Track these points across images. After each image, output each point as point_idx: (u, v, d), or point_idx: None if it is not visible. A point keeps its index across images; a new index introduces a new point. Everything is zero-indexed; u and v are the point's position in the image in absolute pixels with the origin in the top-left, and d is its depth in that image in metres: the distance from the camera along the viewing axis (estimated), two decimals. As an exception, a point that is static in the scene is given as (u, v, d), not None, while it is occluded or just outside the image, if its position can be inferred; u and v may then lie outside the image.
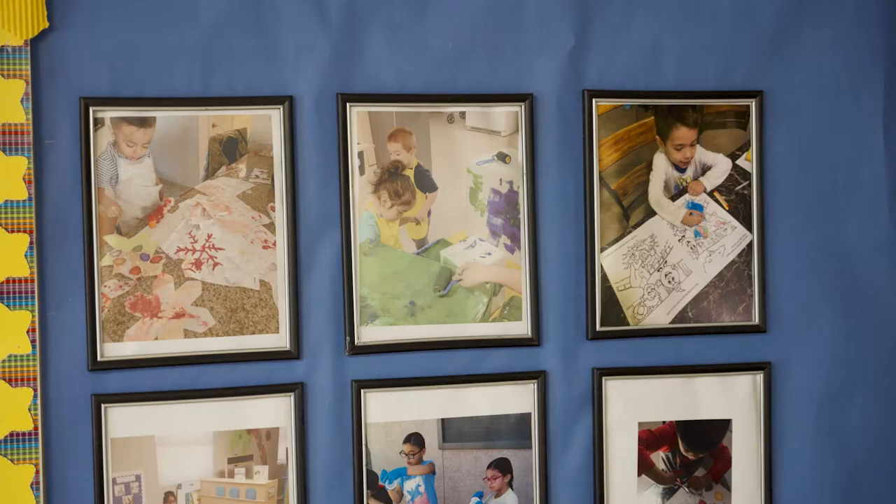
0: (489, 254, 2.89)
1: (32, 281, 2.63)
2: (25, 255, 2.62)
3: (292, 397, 2.78)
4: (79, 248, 2.68)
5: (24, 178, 2.62)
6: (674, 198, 2.98)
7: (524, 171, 2.89)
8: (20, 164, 2.61)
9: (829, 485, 3.07)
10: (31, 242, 2.63)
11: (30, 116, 2.62)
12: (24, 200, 2.62)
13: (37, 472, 2.64)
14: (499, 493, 2.91)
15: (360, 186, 2.82)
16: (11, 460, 2.62)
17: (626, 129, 2.94)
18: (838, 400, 3.07)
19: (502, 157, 2.89)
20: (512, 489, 2.91)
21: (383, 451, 2.85)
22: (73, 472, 2.69)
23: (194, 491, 2.76)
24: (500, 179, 2.89)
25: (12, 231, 2.61)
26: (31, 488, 2.63)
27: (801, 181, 3.03)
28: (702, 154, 2.98)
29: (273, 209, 2.78)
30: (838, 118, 3.05)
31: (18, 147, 2.62)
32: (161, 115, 2.72)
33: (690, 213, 2.98)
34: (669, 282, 2.97)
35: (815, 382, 3.05)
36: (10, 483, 2.62)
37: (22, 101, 2.61)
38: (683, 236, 2.98)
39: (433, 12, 2.85)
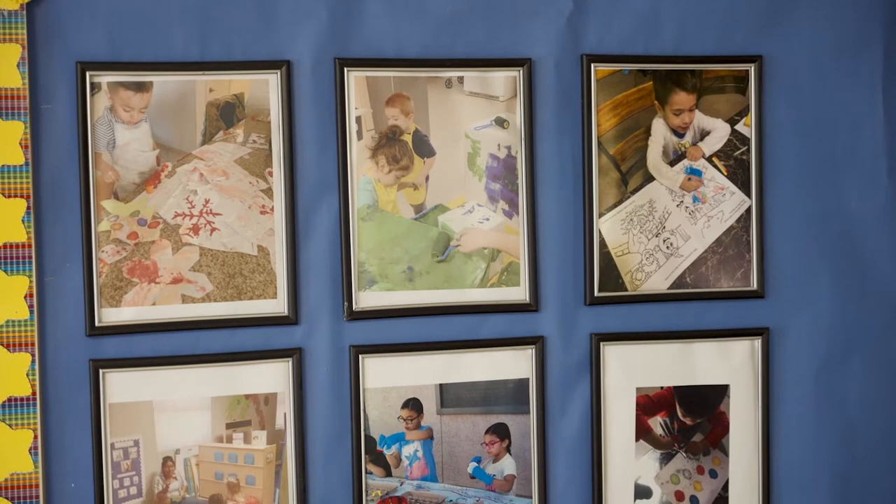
0: (487, 219, 2.89)
1: (30, 246, 2.63)
2: (22, 220, 2.62)
3: (290, 363, 2.78)
4: (76, 214, 2.68)
5: (20, 143, 2.61)
6: (672, 163, 2.97)
7: (522, 137, 2.89)
8: (17, 129, 2.60)
9: (826, 450, 3.07)
10: (28, 207, 2.62)
11: (26, 81, 2.61)
12: (20, 165, 2.61)
13: (35, 437, 2.64)
14: (497, 458, 2.91)
15: (357, 151, 2.81)
16: (10, 425, 2.62)
17: (624, 94, 2.93)
18: (836, 365, 3.07)
19: (500, 123, 2.89)
20: (510, 454, 2.92)
21: (381, 417, 2.85)
22: (71, 437, 2.69)
23: (192, 456, 2.76)
24: (499, 145, 2.89)
25: (9, 196, 2.61)
26: (30, 453, 2.64)
27: (800, 146, 3.02)
28: (700, 119, 2.98)
29: (271, 174, 2.78)
30: (837, 83, 3.04)
31: (15, 112, 2.61)
32: (158, 79, 2.71)
33: (689, 179, 2.98)
34: (668, 247, 2.97)
35: (813, 348, 3.05)
36: (8, 448, 2.62)
37: (18, 66, 2.60)
38: (682, 202, 2.98)
39: (431, -24, 2.85)
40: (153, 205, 2.72)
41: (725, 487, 3.03)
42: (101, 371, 2.69)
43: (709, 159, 2.99)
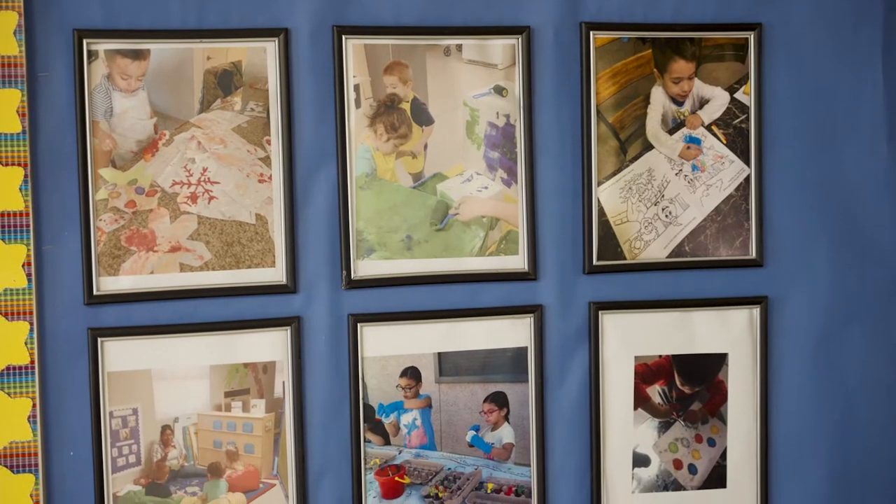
0: (486, 188, 2.88)
1: (27, 214, 2.62)
2: (20, 189, 2.61)
3: (289, 331, 2.78)
4: (73, 182, 2.67)
5: (17, 111, 2.60)
6: (671, 131, 2.96)
7: (521, 105, 2.88)
8: (14, 97, 2.60)
9: (824, 419, 3.08)
10: (25, 176, 2.62)
11: (23, 49, 2.60)
12: (18, 133, 2.61)
13: (34, 405, 2.64)
14: (495, 427, 2.92)
15: (356, 120, 2.81)
16: (8, 394, 2.62)
17: (623, 63, 2.92)
18: (835, 334, 3.07)
19: (499, 91, 2.88)
20: (508, 423, 2.92)
21: (380, 385, 2.85)
22: (70, 405, 2.69)
23: (191, 424, 2.76)
24: (497, 113, 2.88)
25: (7, 164, 2.60)
26: (29, 421, 2.64)
27: (800, 114, 3.02)
28: (700, 87, 2.97)
29: (269, 143, 2.77)
30: (837, 51, 3.03)
31: (12, 80, 2.60)
32: (155, 47, 2.70)
33: (688, 147, 2.97)
34: (666, 216, 2.97)
35: (811, 317, 3.05)
36: (7, 416, 2.62)
37: (15, 33, 2.59)
38: (681, 170, 2.97)
39: (429, -57, 2.84)
40: (151, 173, 2.71)
41: (724, 456, 3.03)
42: (99, 340, 2.69)
43: (708, 128, 2.98)
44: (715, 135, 2.98)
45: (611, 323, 2.95)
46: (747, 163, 2.99)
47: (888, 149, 3.07)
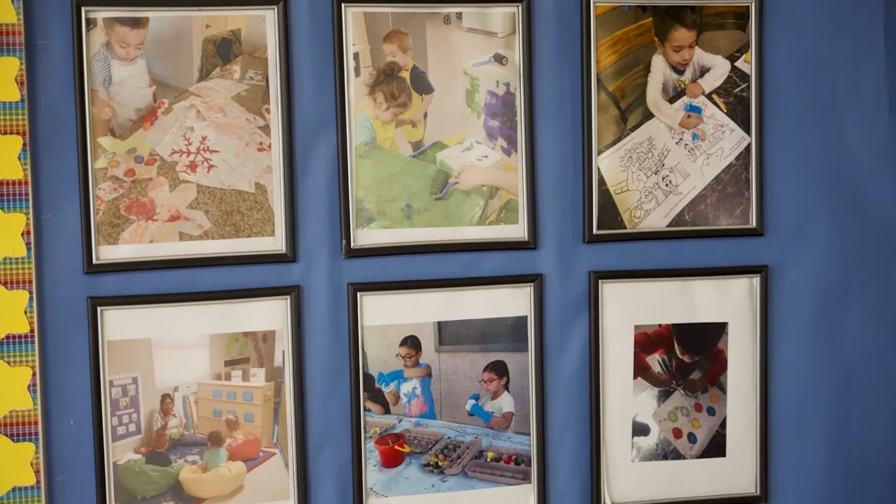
0: (485, 156, 2.88)
1: (26, 183, 2.62)
2: (19, 157, 2.61)
3: (288, 300, 2.78)
4: (73, 151, 2.66)
5: (16, 80, 2.60)
6: (672, 100, 2.96)
7: (521, 73, 2.87)
8: (12, 65, 2.59)
9: (824, 387, 3.08)
10: (24, 144, 2.61)
11: (21, 16, 2.59)
12: (16, 102, 2.60)
13: (34, 374, 2.64)
14: (495, 396, 2.92)
15: (355, 88, 2.80)
16: (8, 362, 2.62)
17: (624, 31, 2.91)
18: (834, 303, 3.07)
19: (499, 59, 2.87)
20: (508, 392, 2.92)
21: (380, 354, 2.85)
22: (70, 374, 2.69)
23: (191, 393, 2.76)
24: (497, 81, 2.87)
25: (5, 133, 2.59)
26: (29, 390, 2.64)
27: (801, 83, 3.01)
28: (700, 56, 2.96)
29: (268, 111, 2.76)
30: (838, 19, 3.02)
31: (10, 48, 2.59)
32: (154, 15, 2.69)
33: (688, 116, 2.97)
34: (667, 185, 2.96)
35: (811, 286, 3.05)
36: (7, 385, 2.62)
37: (13, 1, 2.58)
38: (681, 139, 2.96)
39: (429, -89, 2.82)
40: (150, 142, 2.71)
41: (723, 425, 3.03)
42: (98, 308, 2.68)
43: (708, 96, 2.97)
44: (715, 103, 2.97)
45: (611, 292, 2.95)
46: (748, 131, 2.99)
47: (889, 118, 3.06)
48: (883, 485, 3.13)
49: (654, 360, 2.99)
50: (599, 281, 2.93)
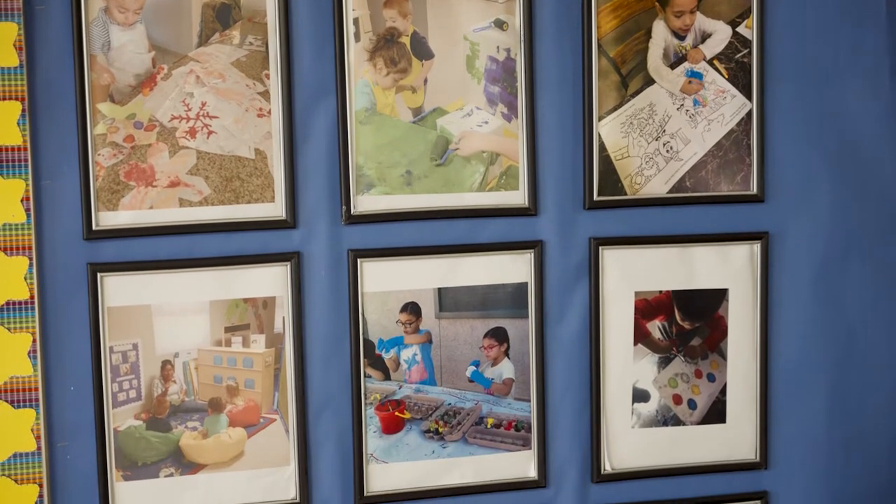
0: (486, 122, 2.87)
1: (26, 149, 2.61)
2: (18, 123, 2.60)
3: (289, 266, 2.78)
4: (72, 117, 2.66)
5: (14, 45, 2.58)
6: (673, 66, 2.95)
7: (521, 39, 2.86)
8: (11, 30, 2.58)
9: (824, 354, 3.08)
10: (23, 110, 2.60)
11: (19, -19, 2.59)
12: (15, 67, 2.59)
13: (34, 340, 2.64)
14: (495, 362, 2.92)
15: (355, 54, 2.79)
16: (8, 329, 2.62)
17: (625, -4, 2.91)
18: (835, 270, 3.07)
19: (499, 24, 2.86)
20: (508, 358, 2.92)
21: (380, 321, 2.85)
22: (70, 340, 2.69)
23: (191, 359, 2.76)
24: (498, 47, 2.86)
25: (4, 99, 2.59)
26: (29, 356, 2.64)
27: (802, 49, 3.00)
28: (701, 21, 2.94)
29: (268, 77, 2.75)
30: (839, -17, 3.02)
31: (8, 13, 2.58)
32: (153, -20, 2.69)
33: (689, 82, 2.96)
34: (667, 151, 2.95)
35: (812, 252, 3.05)
36: (7, 351, 2.62)
37: (11, -34, 2.58)
38: (682, 105, 2.96)
39: None
40: (149, 108, 2.70)
41: (723, 391, 3.04)
42: (98, 275, 2.68)
43: (710, 62, 2.96)
44: (717, 69, 2.96)
45: (611, 258, 2.94)
46: (749, 97, 2.98)
47: (890, 84, 3.05)
48: (884, 450, 3.14)
49: (655, 327, 2.99)
50: (600, 247, 2.92)
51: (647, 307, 2.97)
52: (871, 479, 3.14)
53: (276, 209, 2.77)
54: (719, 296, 3.01)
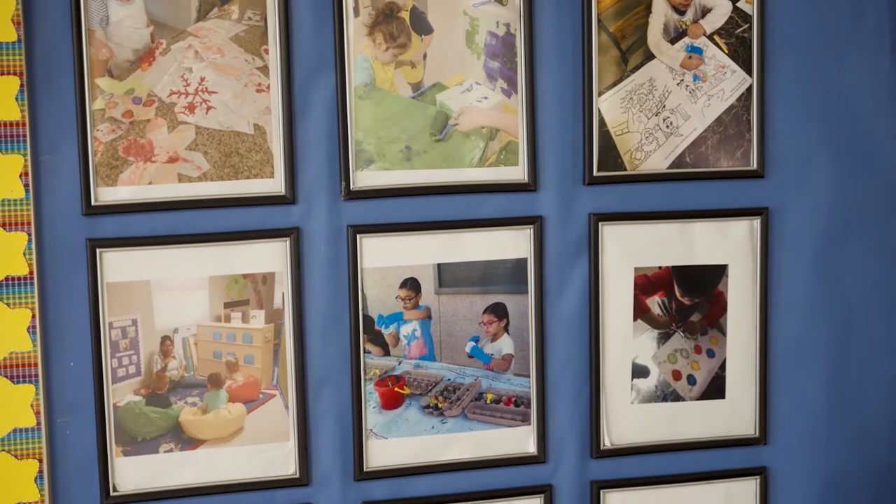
0: (485, 98, 2.86)
1: (24, 124, 2.61)
2: (16, 98, 2.59)
3: (288, 242, 2.77)
4: (70, 92, 2.65)
5: (12, 20, 2.58)
6: (673, 41, 2.94)
7: (521, 14, 2.85)
8: (9, 5, 2.57)
9: (823, 330, 3.08)
10: (21, 85, 2.59)
11: (17, -45, 2.58)
12: (13, 42, 2.58)
13: (33, 316, 2.64)
14: (495, 338, 2.92)
15: (354, 29, 2.78)
16: (8, 304, 2.62)
17: (625, -29, 2.90)
18: (835, 246, 3.06)
19: (499, -1, 2.86)
20: (508, 334, 2.92)
21: (379, 296, 2.85)
22: (69, 316, 2.69)
23: (191, 335, 2.76)
24: (497, 22, 2.85)
25: (2, 73, 2.58)
26: (28, 332, 2.64)
27: (802, 23, 2.99)
28: (702, -4, 2.95)
29: (266, 52, 2.75)
30: (840, -44, 3.01)
31: (6, -13, 2.58)
32: (151, -46, 2.68)
33: (689, 57, 2.95)
34: (667, 126, 2.95)
35: (812, 228, 3.05)
36: (6, 327, 2.62)
37: (8, -60, 2.56)
38: (682, 80, 2.95)
39: None
40: (148, 83, 2.69)
41: (723, 367, 3.04)
42: (98, 250, 2.68)
43: (710, 37, 2.95)
44: (717, 44, 2.95)
45: (611, 234, 2.94)
46: (749, 73, 2.97)
47: (891, 59, 3.04)
48: (882, 426, 3.14)
49: (654, 303, 2.99)
50: (599, 223, 2.92)
51: (647, 283, 2.97)
52: (869, 455, 3.15)
53: (275, 185, 2.77)
54: (719, 271, 3.01)
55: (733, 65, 2.96)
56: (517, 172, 2.89)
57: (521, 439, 2.96)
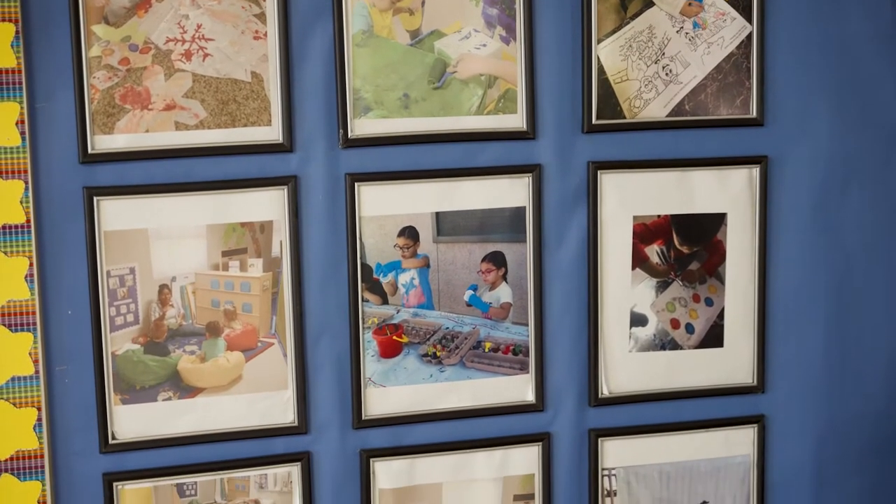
0: (484, 45, 2.84)
1: (20, 72, 2.59)
2: (11, 45, 2.58)
3: (286, 190, 2.77)
4: (66, 39, 2.63)
5: (7, -34, 2.56)
6: (673, -12, 2.93)
7: (520, -40, 2.83)
8: (3, -49, 2.56)
9: (822, 279, 3.08)
10: (16, 32, 2.58)
11: None
12: (8, -12, 2.57)
13: (31, 264, 2.64)
14: (493, 286, 2.92)
15: (352, -25, 2.76)
16: (5, 252, 2.62)
17: (624, -84, 2.88)
18: (834, 195, 3.06)
19: (498, -55, 2.83)
20: (506, 282, 2.92)
21: (377, 245, 2.84)
22: (67, 264, 2.69)
23: (189, 283, 2.76)
24: (496, -32, 2.84)
25: (-2, 20, 2.57)
26: (26, 280, 2.64)
27: (803, -30, 2.98)
28: (702, -58, 2.92)
29: (263, -1, 2.73)
30: None
31: (1, -67, 2.56)
32: None
33: (689, 4, 2.93)
34: (667, 74, 2.93)
35: (811, 177, 3.04)
36: (4, 275, 2.62)
37: None
38: (682, 27, 2.93)
39: None
40: (144, 30, 2.67)
41: (721, 315, 3.04)
42: (95, 198, 2.67)
43: (710, -16, 2.94)
44: (717, -9, 2.94)
45: (609, 182, 2.93)
46: (749, 20, 2.95)
47: (892, 6, 3.02)
48: (880, 375, 3.15)
49: (653, 251, 2.98)
50: (598, 171, 2.91)
51: (646, 231, 2.97)
52: (866, 404, 3.16)
53: (272, 133, 2.75)
54: (718, 220, 3.00)
55: (733, 12, 2.94)
56: (516, 120, 2.87)
57: (519, 387, 2.96)
